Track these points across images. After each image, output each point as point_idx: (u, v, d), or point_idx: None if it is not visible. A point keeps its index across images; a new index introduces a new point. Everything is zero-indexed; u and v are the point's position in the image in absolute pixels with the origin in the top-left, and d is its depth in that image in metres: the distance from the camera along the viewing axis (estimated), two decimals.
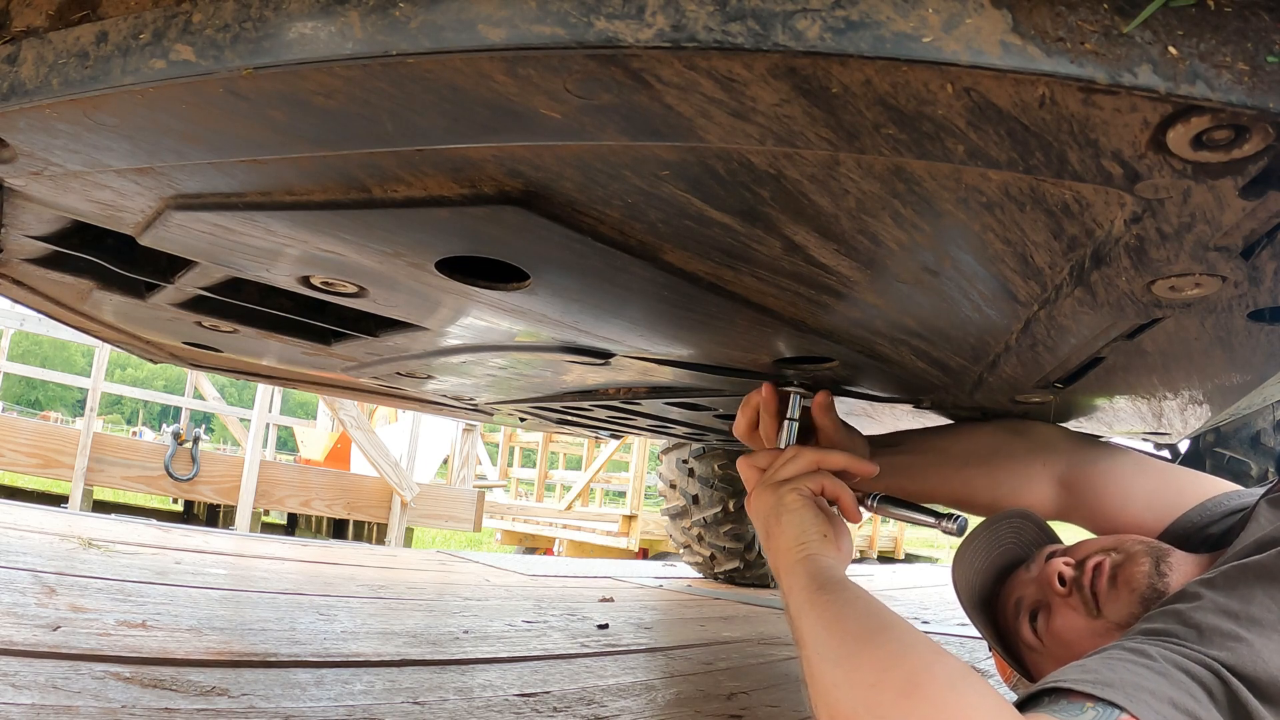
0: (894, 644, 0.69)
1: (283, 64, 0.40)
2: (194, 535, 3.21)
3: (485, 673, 1.67)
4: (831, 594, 0.78)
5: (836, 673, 0.70)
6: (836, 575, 0.82)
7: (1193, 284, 0.53)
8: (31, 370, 9.30)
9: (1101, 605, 0.98)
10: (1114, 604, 0.97)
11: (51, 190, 0.65)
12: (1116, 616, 0.96)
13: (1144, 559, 0.98)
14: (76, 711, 1.09)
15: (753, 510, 0.97)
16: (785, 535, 0.90)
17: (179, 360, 1.65)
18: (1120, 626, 0.94)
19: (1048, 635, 1.04)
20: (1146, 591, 0.95)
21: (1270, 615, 0.73)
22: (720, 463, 2.99)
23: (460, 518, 7.57)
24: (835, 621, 0.74)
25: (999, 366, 0.83)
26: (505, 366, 1.19)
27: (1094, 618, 0.98)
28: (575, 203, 0.53)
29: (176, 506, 9.70)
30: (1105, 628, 0.97)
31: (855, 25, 0.34)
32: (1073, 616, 1.01)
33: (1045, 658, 1.05)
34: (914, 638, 0.71)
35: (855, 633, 0.72)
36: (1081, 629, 0.99)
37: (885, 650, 0.69)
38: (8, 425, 6.20)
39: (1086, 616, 0.99)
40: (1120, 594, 0.97)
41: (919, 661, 0.67)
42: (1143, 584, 0.95)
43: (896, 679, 0.65)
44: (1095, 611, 0.98)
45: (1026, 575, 1.11)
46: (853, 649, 0.70)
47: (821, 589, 0.80)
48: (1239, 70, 0.34)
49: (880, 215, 0.50)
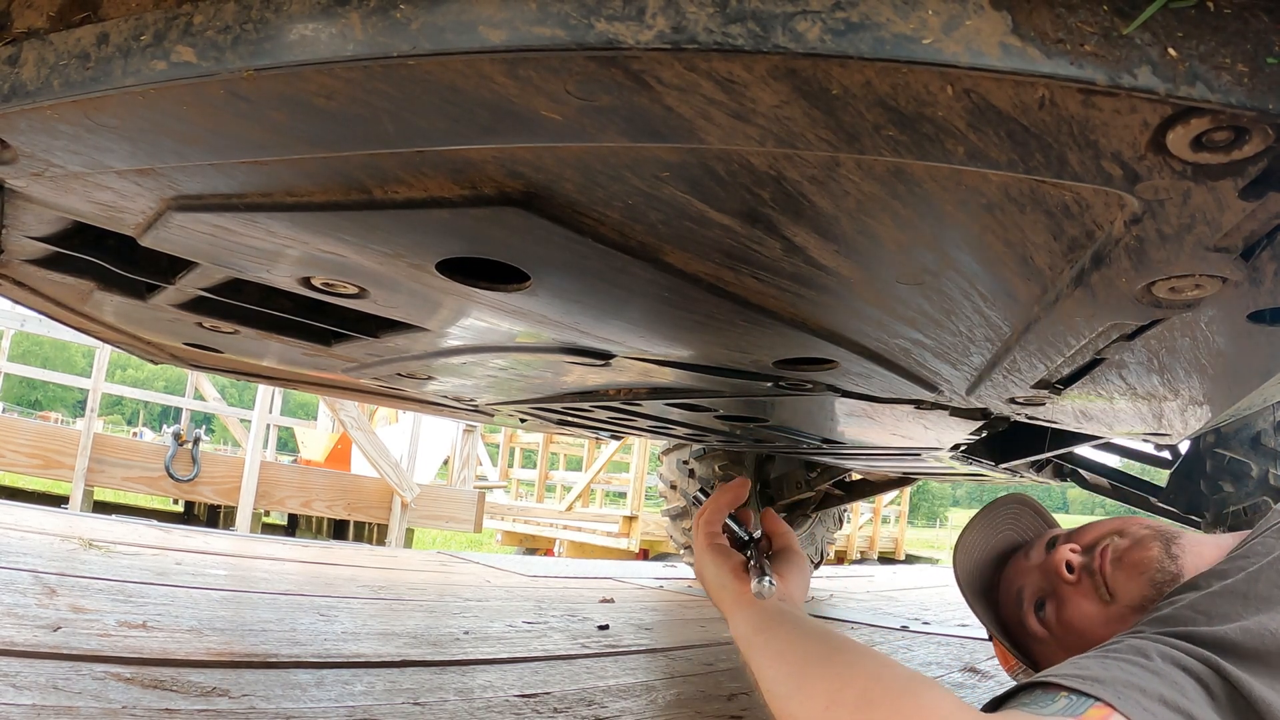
0: (840, 665, 0.70)
1: (283, 65, 0.40)
2: (194, 536, 3.21)
3: (486, 673, 1.67)
4: (769, 631, 0.79)
5: (792, 705, 0.70)
6: (770, 610, 0.82)
7: (1193, 285, 0.53)
8: (32, 371, 9.31)
9: (1113, 591, 0.96)
10: (1125, 588, 0.95)
11: (52, 191, 0.65)
12: (1129, 600, 0.94)
13: (1152, 543, 0.96)
14: (77, 712, 1.09)
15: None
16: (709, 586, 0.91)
17: (179, 361, 1.65)
18: (1135, 610, 0.93)
19: (1058, 625, 1.02)
20: (1157, 574, 0.93)
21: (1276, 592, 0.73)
22: (721, 464, 2.99)
23: (461, 519, 7.57)
24: (779, 656, 0.75)
25: (999, 367, 0.83)
26: (506, 367, 1.19)
27: (1107, 604, 0.97)
28: (576, 204, 0.53)
29: (177, 507, 9.70)
30: (1120, 613, 0.95)
31: (855, 27, 0.34)
32: (1085, 604, 0.99)
33: (1056, 648, 1.04)
34: (858, 654, 0.72)
35: (800, 662, 0.72)
36: (1094, 616, 0.98)
37: (833, 672, 0.69)
38: (8, 426, 6.21)
39: (1099, 603, 0.97)
40: (1130, 576, 0.95)
41: (867, 676, 0.67)
42: (1152, 567, 0.94)
43: (850, 697, 0.65)
44: (1108, 597, 0.97)
45: (1026, 563, 1.10)
46: (800, 680, 0.71)
47: (759, 629, 0.80)
48: (1239, 71, 0.34)
49: (880, 216, 0.50)
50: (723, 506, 0.97)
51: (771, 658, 0.75)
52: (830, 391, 1.10)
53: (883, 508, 13.73)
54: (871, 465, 2.66)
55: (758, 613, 0.83)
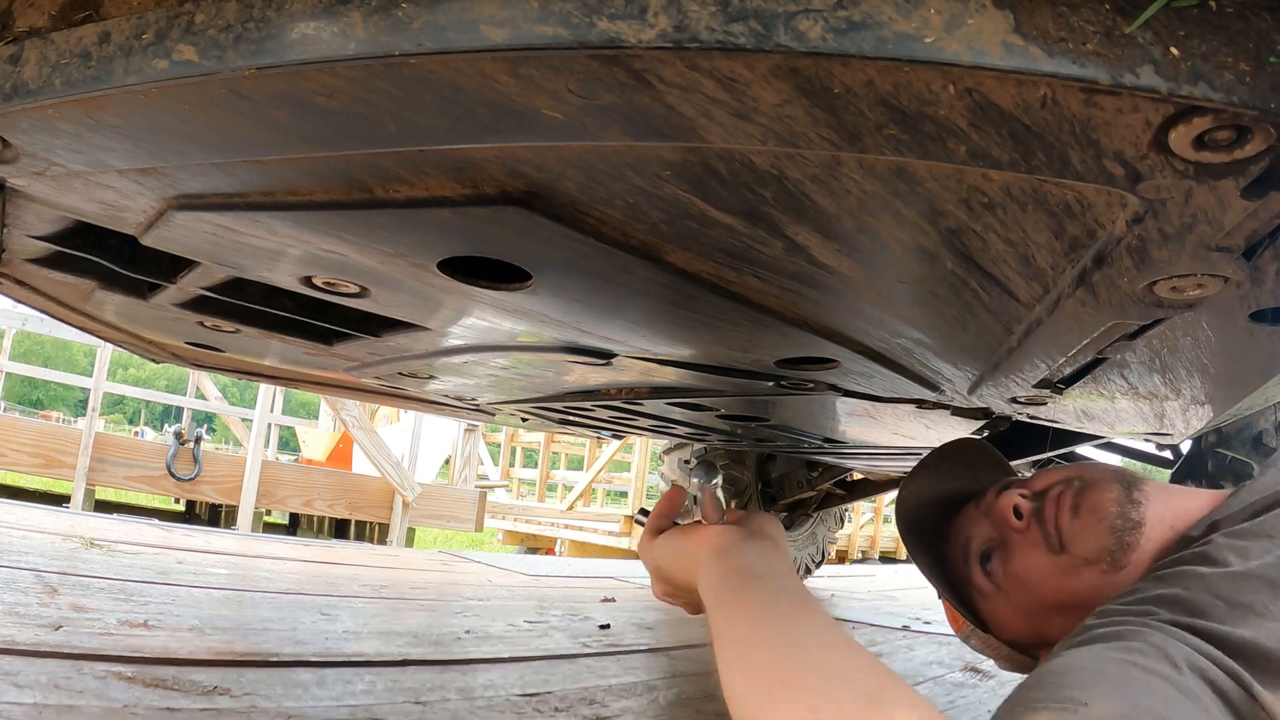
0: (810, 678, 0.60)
1: (285, 64, 0.40)
2: (196, 535, 3.21)
3: (487, 673, 1.67)
4: (735, 598, 0.71)
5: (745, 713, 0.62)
6: (741, 565, 0.74)
7: (1195, 285, 0.53)
8: (34, 370, 9.32)
9: (1065, 540, 0.87)
10: (1079, 537, 0.86)
11: (54, 190, 0.65)
12: (1084, 551, 0.85)
13: (1112, 485, 0.88)
14: (79, 711, 1.09)
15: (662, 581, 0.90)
16: (669, 565, 0.86)
17: (181, 360, 1.65)
18: (1088, 562, 0.85)
19: (1005, 578, 0.93)
20: (1116, 520, 0.84)
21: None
22: (722, 463, 2.99)
23: (462, 518, 7.58)
24: (742, 648, 0.65)
25: (1000, 367, 0.83)
26: (507, 367, 1.19)
27: (1056, 554, 0.88)
28: (577, 203, 0.53)
29: (178, 506, 9.69)
30: (1070, 564, 0.86)
31: (857, 26, 0.34)
32: (1033, 554, 0.90)
33: (1003, 604, 0.95)
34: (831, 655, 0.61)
35: (763, 665, 0.62)
36: (1043, 567, 0.89)
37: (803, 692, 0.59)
38: (10, 425, 6.22)
39: (1048, 553, 0.88)
40: (1086, 525, 0.86)
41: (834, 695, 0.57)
42: (1111, 511, 0.85)
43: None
44: (1058, 547, 0.88)
45: (976, 512, 1.00)
46: (763, 689, 0.61)
47: (724, 584, 0.73)
48: (1241, 70, 0.34)
49: (882, 216, 0.50)
50: (660, 514, 0.93)
51: (728, 653, 0.66)
52: (832, 391, 1.10)
53: (884, 507, 13.72)
54: (873, 465, 2.66)
55: (725, 572, 0.74)
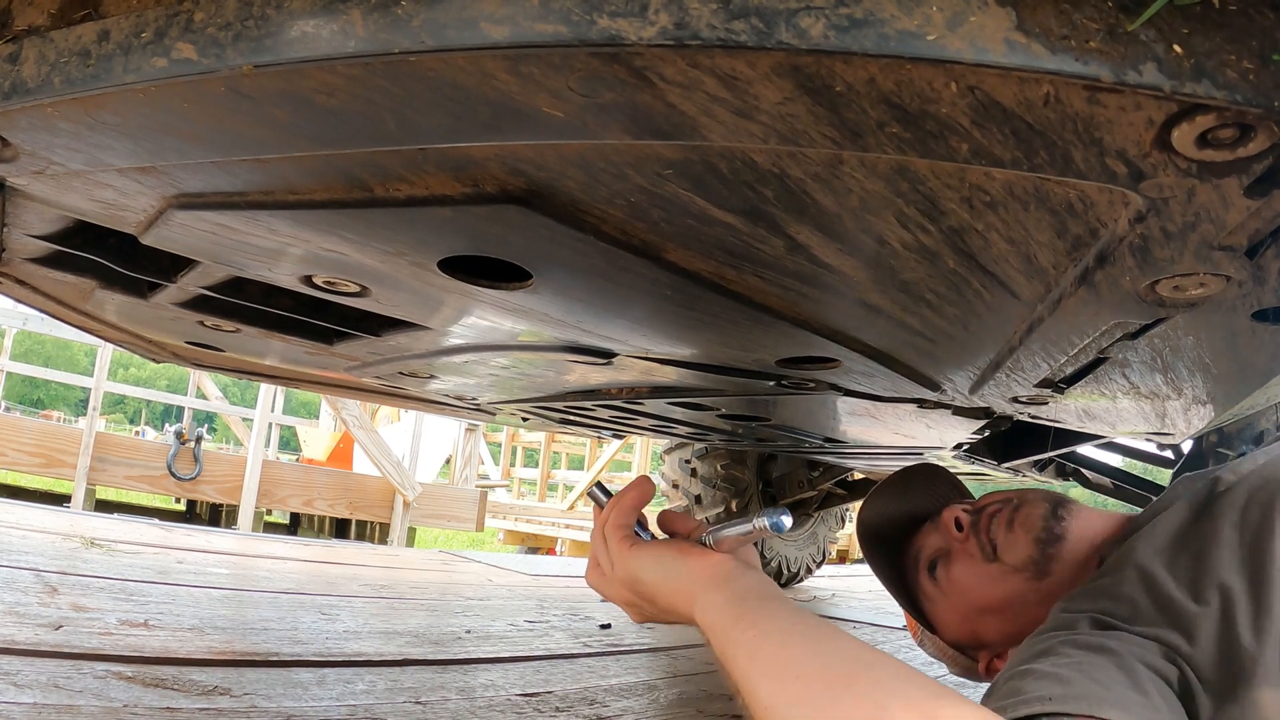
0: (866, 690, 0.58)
1: (285, 62, 0.40)
2: (196, 535, 3.21)
3: (488, 672, 1.67)
4: (757, 625, 0.66)
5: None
6: (750, 592, 0.71)
7: (1197, 284, 0.53)
8: (34, 369, 9.34)
9: (998, 550, 1.01)
10: (1010, 548, 1.00)
11: (54, 189, 0.65)
12: (1013, 560, 0.99)
13: (1040, 503, 1.01)
14: (78, 711, 1.09)
15: (613, 595, 0.87)
16: (652, 584, 0.79)
17: (181, 360, 1.65)
18: (1016, 570, 0.98)
19: (947, 583, 1.06)
20: (1041, 533, 0.97)
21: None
22: (723, 462, 2.99)
23: (463, 518, 7.58)
24: (781, 667, 0.62)
25: (1003, 366, 0.83)
26: (508, 366, 1.19)
27: (990, 562, 1.01)
28: (578, 202, 0.53)
29: (179, 506, 9.70)
30: (1001, 571, 1.00)
31: (859, 23, 0.34)
32: (970, 562, 1.03)
33: (945, 607, 1.08)
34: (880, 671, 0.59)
35: (815, 680, 0.60)
36: (978, 574, 1.02)
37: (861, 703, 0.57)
38: (10, 425, 6.22)
39: (983, 561, 1.02)
40: (1016, 537, 0.99)
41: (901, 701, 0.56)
42: (1037, 525, 0.98)
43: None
44: (991, 556, 1.01)
45: (930, 527, 1.14)
46: (819, 708, 0.58)
47: (738, 618, 0.68)
48: (1244, 68, 0.34)
49: (884, 214, 0.50)
50: (629, 507, 0.85)
51: (767, 666, 0.62)
52: (833, 390, 1.10)
53: None
54: (874, 464, 2.66)
55: (734, 596, 0.70)
